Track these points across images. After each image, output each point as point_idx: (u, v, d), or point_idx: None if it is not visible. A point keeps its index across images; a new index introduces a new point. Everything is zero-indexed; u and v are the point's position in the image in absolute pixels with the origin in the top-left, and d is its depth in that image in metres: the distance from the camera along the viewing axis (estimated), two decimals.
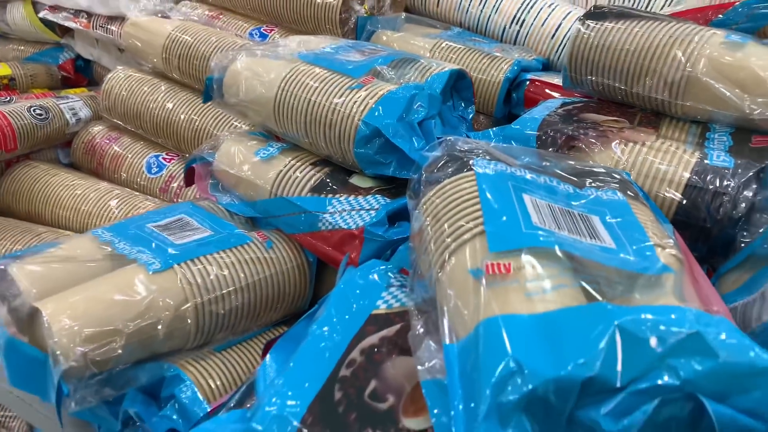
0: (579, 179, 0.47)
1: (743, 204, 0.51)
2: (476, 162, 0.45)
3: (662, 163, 0.54)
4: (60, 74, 1.26)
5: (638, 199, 0.46)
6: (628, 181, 0.49)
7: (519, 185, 0.43)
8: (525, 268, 0.35)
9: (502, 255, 0.36)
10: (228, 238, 0.62)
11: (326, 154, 0.67)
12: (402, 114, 0.60)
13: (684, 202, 0.52)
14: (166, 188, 0.94)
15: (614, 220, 0.42)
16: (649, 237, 0.40)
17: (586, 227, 0.40)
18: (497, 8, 0.95)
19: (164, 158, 0.97)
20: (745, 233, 0.52)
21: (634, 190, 0.47)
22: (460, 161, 0.46)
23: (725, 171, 0.52)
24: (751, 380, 0.30)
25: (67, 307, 0.51)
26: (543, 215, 0.40)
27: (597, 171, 0.49)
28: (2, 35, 1.35)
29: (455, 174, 0.45)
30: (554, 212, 0.41)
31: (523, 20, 0.93)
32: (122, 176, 0.99)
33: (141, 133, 1.02)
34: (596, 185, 0.47)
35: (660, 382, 0.30)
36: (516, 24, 0.94)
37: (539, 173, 0.47)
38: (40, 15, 1.20)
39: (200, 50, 0.92)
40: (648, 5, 0.90)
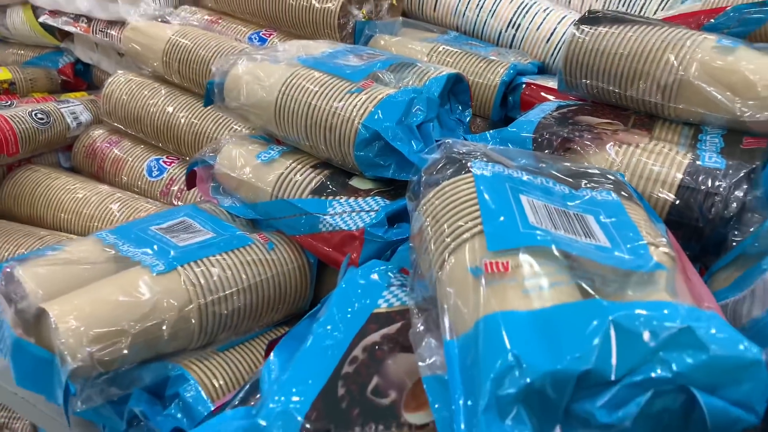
0: (574, 180, 0.48)
1: (734, 204, 0.51)
2: (474, 164, 0.46)
3: (655, 165, 0.55)
4: (60, 78, 1.26)
5: (632, 200, 0.47)
6: (622, 182, 0.50)
7: (516, 186, 0.44)
8: (523, 267, 0.36)
9: (501, 254, 0.37)
10: (230, 240, 0.63)
11: (326, 157, 0.68)
12: (401, 117, 0.61)
13: (677, 203, 0.53)
14: (167, 191, 0.95)
15: (609, 220, 0.43)
16: (643, 236, 0.41)
17: (582, 227, 0.41)
18: (493, 13, 0.96)
19: (165, 161, 0.98)
20: (737, 232, 0.53)
21: (628, 191, 0.48)
22: (459, 163, 0.47)
23: (717, 172, 0.53)
24: (741, 372, 0.31)
25: (74, 308, 0.52)
26: (539, 215, 0.41)
27: (592, 172, 0.50)
28: (2, 39, 1.35)
29: (454, 176, 0.45)
30: (550, 212, 0.42)
31: (519, 24, 0.94)
32: (123, 179, 1.00)
33: (141, 137, 1.02)
34: (591, 186, 0.47)
35: (653, 375, 0.31)
36: (512, 28, 0.95)
37: (536, 175, 0.47)
38: (40, 20, 1.20)
39: (200, 54, 0.93)
40: (642, 10, 0.92)
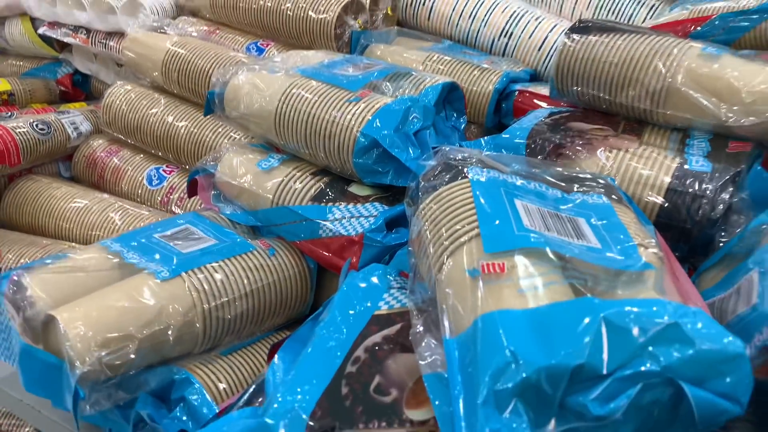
0: (566, 185, 0.50)
1: (721, 206, 0.53)
2: (470, 170, 0.48)
3: (645, 169, 0.57)
4: (58, 89, 1.27)
5: (622, 203, 0.49)
6: (613, 186, 0.51)
7: (511, 191, 0.46)
8: (518, 268, 0.38)
9: (497, 255, 0.39)
10: (232, 247, 0.65)
11: (325, 165, 0.69)
12: (398, 125, 0.63)
13: (665, 205, 0.55)
14: (167, 200, 0.96)
15: (599, 222, 0.44)
16: (632, 237, 0.43)
17: (574, 229, 0.43)
18: (486, 22, 0.98)
19: (164, 170, 0.99)
20: (723, 234, 0.54)
21: (618, 194, 0.50)
22: (455, 169, 0.49)
23: (704, 175, 0.55)
24: (726, 365, 0.33)
25: (82, 315, 0.53)
26: (533, 218, 0.42)
27: (583, 177, 0.51)
28: (0, 51, 1.35)
29: (451, 181, 0.47)
30: (544, 215, 0.43)
31: (511, 33, 0.97)
32: (123, 188, 1.01)
33: (141, 146, 1.03)
34: (583, 190, 0.49)
35: (643, 369, 0.32)
36: (504, 37, 0.97)
37: (529, 179, 0.49)
38: (40, 31, 1.20)
39: (199, 65, 0.94)
40: (631, 18, 0.94)
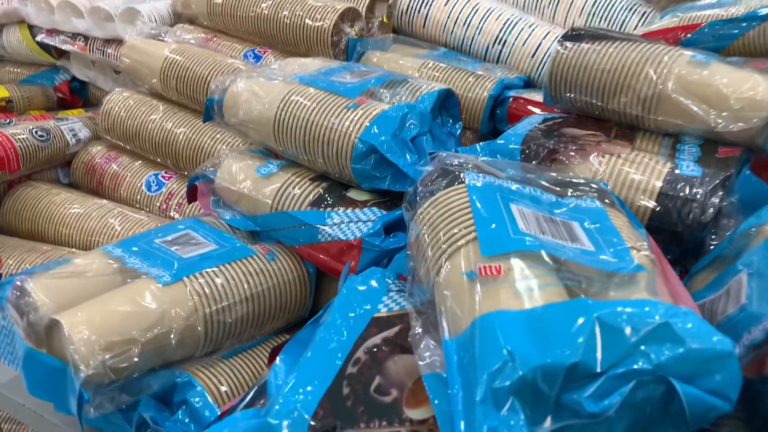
0: (560, 189, 0.51)
1: (711, 209, 0.55)
2: (467, 175, 0.49)
3: (637, 174, 0.58)
4: (56, 96, 1.27)
5: (615, 207, 0.50)
6: (606, 191, 0.53)
7: (506, 195, 0.47)
8: (514, 270, 0.39)
9: (493, 258, 0.40)
10: (232, 251, 0.66)
11: (324, 170, 0.70)
12: (395, 131, 0.64)
13: (657, 209, 0.56)
14: (166, 205, 0.97)
15: (593, 226, 0.46)
16: (625, 240, 0.44)
17: (568, 232, 0.44)
18: (480, 29, 0.99)
19: (163, 176, 1.00)
20: (714, 237, 0.56)
21: (611, 199, 0.51)
22: (452, 175, 0.50)
23: (694, 180, 0.56)
24: (715, 363, 0.34)
25: (86, 319, 0.54)
26: (528, 222, 0.43)
27: (577, 182, 0.53)
28: None
29: (448, 186, 0.48)
30: (539, 219, 0.44)
31: (505, 40, 0.98)
32: (122, 194, 1.01)
33: (140, 153, 1.03)
34: (576, 195, 0.50)
35: (635, 367, 0.33)
36: (498, 44, 0.99)
37: (524, 184, 0.50)
38: (38, 39, 1.21)
39: (197, 72, 0.95)
40: (622, 26, 0.96)
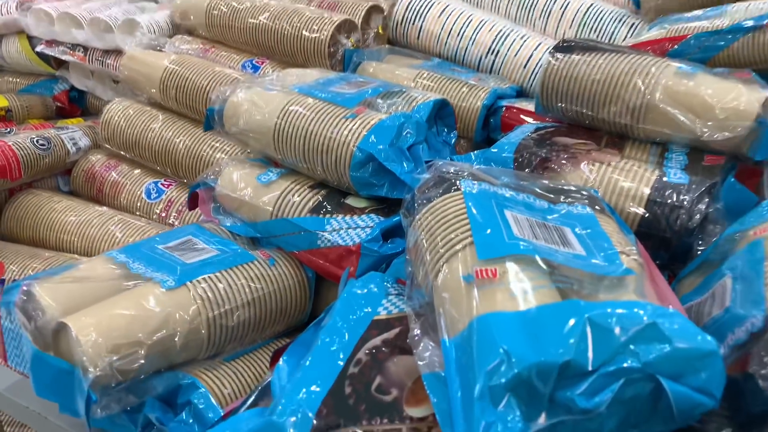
0: (553, 196, 0.53)
1: (698, 216, 0.57)
2: (463, 182, 0.51)
3: (626, 181, 0.60)
4: (55, 105, 1.29)
5: (605, 213, 0.52)
6: (596, 198, 0.54)
7: (501, 202, 0.49)
8: (509, 273, 0.41)
9: (489, 262, 0.42)
10: (233, 257, 0.67)
11: (323, 178, 0.72)
12: (393, 140, 0.66)
13: (646, 215, 0.58)
14: (166, 213, 0.98)
15: (584, 232, 0.48)
16: (614, 245, 0.46)
17: (560, 237, 0.46)
18: (474, 40, 1.02)
19: (163, 184, 1.01)
20: (701, 242, 0.58)
21: (601, 205, 0.53)
22: (449, 182, 0.52)
23: (682, 187, 0.58)
24: (700, 362, 0.36)
25: (93, 322, 0.55)
26: (522, 228, 0.45)
27: (568, 189, 0.54)
28: None
29: (445, 193, 0.50)
30: (532, 225, 0.46)
31: (498, 51, 1.00)
32: (122, 202, 1.02)
33: (140, 161, 1.05)
34: (568, 201, 0.52)
35: (625, 365, 0.35)
36: (491, 54, 1.01)
37: (518, 191, 0.52)
38: (37, 49, 1.22)
39: (196, 82, 0.96)
40: (612, 37, 0.98)
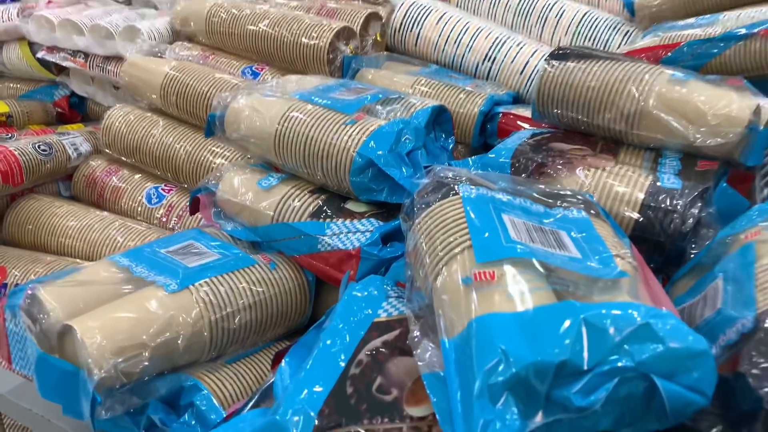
0: (549, 200, 0.54)
1: (690, 220, 0.58)
2: (461, 187, 0.52)
3: (621, 186, 0.61)
4: (55, 111, 1.30)
5: (600, 217, 0.53)
6: (591, 202, 0.56)
7: (498, 206, 0.50)
8: (506, 275, 0.42)
9: (487, 265, 0.43)
10: (235, 261, 0.68)
11: (323, 183, 0.73)
12: (392, 146, 0.67)
13: (640, 220, 0.59)
14: (166, 218, 0.99)
15: (579, 235, 0.49)
16: (609, 248, 0.47)
17: (556, 240, 0.47)
18: (471, 47, 1.03)
19: (163, 189, 1.02)
20: (694, 246, 0.59)
21: (597, 210, 0.54)
22: (447, 187, 0.53)
23: (675, 192, 0.59)
24: (692, 361, 0.37)
25: (98, 325, 0.56)
26: (519, 231, 0.46)
27: (564, 193, 0.55)
28: None
29: (443, 198, 0.51)
30: (529, 228, 0.47)
31: (494, 58, 1.02)
32: (123, 207, 1.03)
33: (140, 166, 1.06)
34: (564, 206, 0.53)
35: (619, 365, 0.36)
36: (488, 61, 1.02)
37: (515, 196, 0.53)
38: (38, 55, 1.23)
39: (197, 88, 0.98)
40: (606, 44, 1.00)
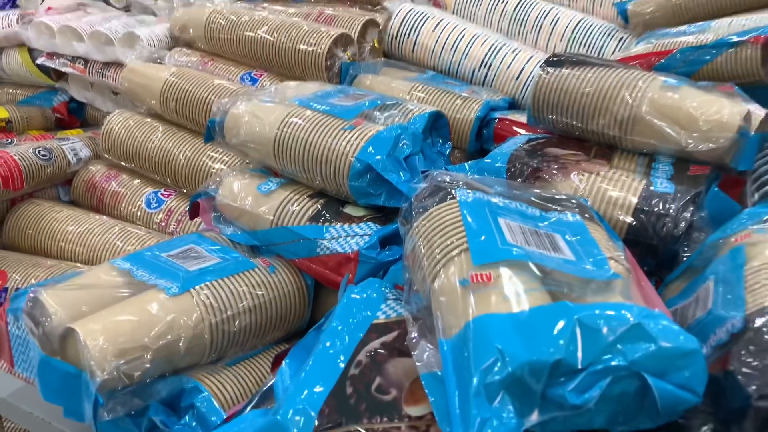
0: (544, 205, 0.55)
1: (683, 224, 0.59)
2: (458, 191, 0.53)
3: (614, 190, 0.62)
4: (54, 116, 1.30)
5: (594, 221, 0.54)
6: (585, 206, 0.57)
7: (494, 210, 0.51)
8: (503, 277, 0.43)
9: (484, 267, 0.44)
10: (235, 265, 0.69)
11: (321, 188, 0.74)
12: (390, 151, 0.68)
13: (633, 223, 0.60)
14: (165, 222, 1.00)
15: (574, 238, 0.50)
16: (603, 251, 0.48)
17: (551, 243, 0.48)
18: (467, 53, 1.04)
19: (162, 194, 1.03)
20: (686, 249, 0.60)
21: (591, 214, 0.55)
22: (444, 191, 0.54)
23: (668, 196, 0.61)
24: (683, 360, 0.38)
25: (100, 327, 0.57)
26: (515, 234, 0.47)
27: (559, 198, 0.57)
28: None
29: (441, 202, 0.52)
30: (524, 232, 0.48)
31: (490, 64, 1.03)
32: (122, 212, 1.04)
33: (140, 171, 1.06)
34: (558, 209, 0.54)
35: (612, 364, 0.37)
36: (484, 67, 1.04)
37: (511, 200, 0.54)
38: (38, 61, 1.23)
39: (196, 94, 0.98)
40: (600, 51, 1.01)
